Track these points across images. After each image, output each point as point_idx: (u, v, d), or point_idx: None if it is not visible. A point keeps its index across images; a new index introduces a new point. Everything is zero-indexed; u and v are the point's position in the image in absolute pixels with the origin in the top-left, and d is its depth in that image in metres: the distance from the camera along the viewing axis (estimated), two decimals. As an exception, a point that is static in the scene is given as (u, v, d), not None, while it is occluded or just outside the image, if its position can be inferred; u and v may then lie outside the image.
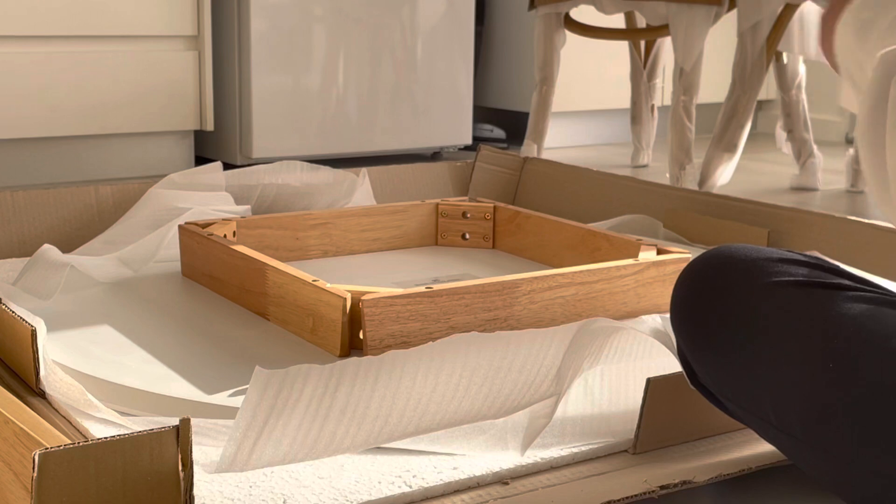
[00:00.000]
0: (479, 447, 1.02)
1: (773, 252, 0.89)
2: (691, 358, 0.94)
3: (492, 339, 0.94)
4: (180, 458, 0.81)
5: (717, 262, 0.91)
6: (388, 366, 0.89)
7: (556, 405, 1.01)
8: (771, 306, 0.85)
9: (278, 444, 0.86)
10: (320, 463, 0.99)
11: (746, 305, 0.87)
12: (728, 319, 0.89)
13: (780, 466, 1.04)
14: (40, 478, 0.76)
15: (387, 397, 0.89)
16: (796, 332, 0.83)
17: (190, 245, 1.66)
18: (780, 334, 0.84)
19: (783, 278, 0.86)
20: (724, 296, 0.90)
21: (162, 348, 1.34)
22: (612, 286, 1.48)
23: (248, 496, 0.94)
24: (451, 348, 0.92)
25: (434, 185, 2.26)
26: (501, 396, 0.96)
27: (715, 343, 0.90)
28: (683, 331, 0.94)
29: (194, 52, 2.62)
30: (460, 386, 0.92)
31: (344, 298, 1.31)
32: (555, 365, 0.98)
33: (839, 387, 0.77)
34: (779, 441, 0.88)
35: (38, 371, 1.07)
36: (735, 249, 0.91)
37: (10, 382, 1.11)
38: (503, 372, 0.95)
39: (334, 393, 0.87)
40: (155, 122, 2.60)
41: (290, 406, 0.85)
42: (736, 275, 0.89)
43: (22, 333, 1.09)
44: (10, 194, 1.84)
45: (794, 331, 0.83)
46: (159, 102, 2.59)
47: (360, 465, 0.99)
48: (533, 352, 0.96)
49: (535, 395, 0.98)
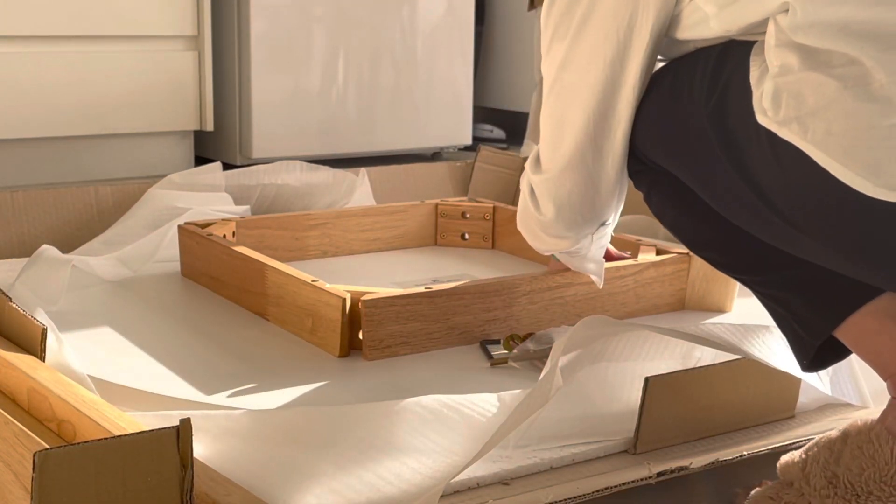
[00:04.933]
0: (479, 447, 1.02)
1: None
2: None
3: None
4: (180, 459, 0.81)
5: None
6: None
7: (551, 397, 1.01)
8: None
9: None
10: (318, 463, 0.99)
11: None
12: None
13: (775, 454, 1.05)
14: (40, 478, 0.76)
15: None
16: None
17: (189, 245, 1.66)
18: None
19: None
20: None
21: (162, 348, 1.34)
22: (612, 286, 1.48)
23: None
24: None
25: (434, 186, 2.26)
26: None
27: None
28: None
29: (194, 52, 2.62)
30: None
31: (343, 299, 1.31)
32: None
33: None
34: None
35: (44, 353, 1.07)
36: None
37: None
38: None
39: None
40: (155, 122, 2.60)
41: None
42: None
43: (32, 332, 1.09)
44: (10, 194, 1.84)
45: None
46: (159, 102, 2.59)
47: (360, 464, 0.99)
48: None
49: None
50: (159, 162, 2.64)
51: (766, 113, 0.88)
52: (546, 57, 1.16)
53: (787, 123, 0.87)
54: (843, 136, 0.84)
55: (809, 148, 0.85)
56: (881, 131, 0.82)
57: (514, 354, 1.32)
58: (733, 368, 1.12)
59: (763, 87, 0.89)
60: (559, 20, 1.12)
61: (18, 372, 1.00)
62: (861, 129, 0.83)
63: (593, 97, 1.10)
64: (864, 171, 0.82)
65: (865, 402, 1.20)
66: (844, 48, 0.85)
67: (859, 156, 0.83)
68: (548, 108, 1.17)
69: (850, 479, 0.94)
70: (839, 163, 0.83)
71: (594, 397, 1.13)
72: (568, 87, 1.13)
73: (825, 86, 0.85)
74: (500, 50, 3.68)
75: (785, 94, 0.87)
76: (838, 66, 0.85)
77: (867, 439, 0.95)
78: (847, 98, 0.84)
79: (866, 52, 0.84)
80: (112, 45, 2.52)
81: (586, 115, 1.11)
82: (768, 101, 0.88)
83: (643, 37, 1.06)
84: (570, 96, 1.13)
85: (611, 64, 1.08)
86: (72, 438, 0.91)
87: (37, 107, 2.43)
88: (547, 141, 1.18)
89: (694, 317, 1.53)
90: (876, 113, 0.83)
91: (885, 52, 0.84)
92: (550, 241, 1.27)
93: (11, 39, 2.39)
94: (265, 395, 1.19)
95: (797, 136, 0.86)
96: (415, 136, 3.04)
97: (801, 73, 0.87)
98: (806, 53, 0.87)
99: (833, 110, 0.84)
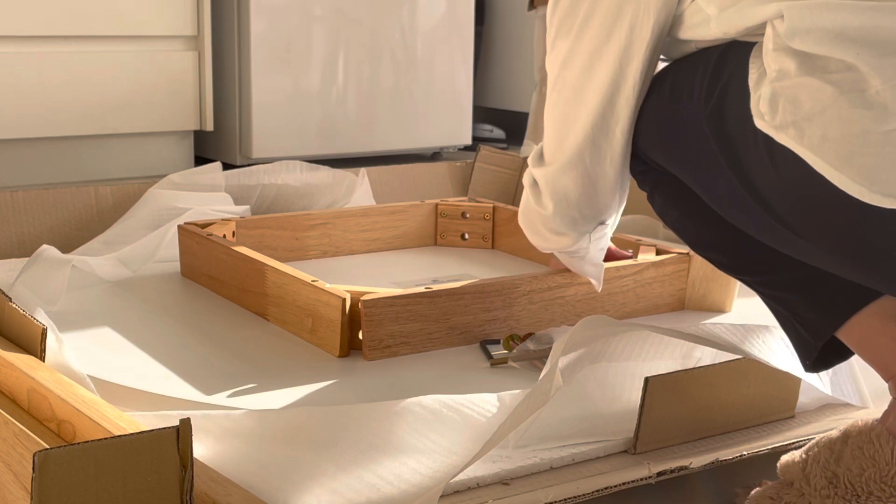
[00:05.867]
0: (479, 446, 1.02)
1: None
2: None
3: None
4: (180, 459, 0.81)
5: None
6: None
7: (551, 397, 1.01)
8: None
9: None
10: (318, 463, 0.99)
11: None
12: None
13: (775, 454, 1.05)
14: (40, 478, 0.76)
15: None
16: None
17: (189, 245, 1.66)
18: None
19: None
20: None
21: (162, 348, 1.34)
22: (612, 286, 1.48)
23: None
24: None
25: (434, 186, 2.26)
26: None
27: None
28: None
29: (194, 52, 2.62)
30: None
31: (343, 299, 1.31)
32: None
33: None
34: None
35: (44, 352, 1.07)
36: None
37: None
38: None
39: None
40: (155, 122, 2.60)
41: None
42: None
43: (32, 332, 1.09)
44: (10, 194, 1.84)
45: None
46: (159, 102, 2.59)
47: (360, 464, 0.99)
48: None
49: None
50: (159, 162, 2.64)
51: (764, 117, 0.88)
52: (550, 54, 1.17)
53: (784, 128, 0.87)
54: (839, 141, 0.84)
55: (805, 153, 0.85)
56: (877, 137, 0.83)
57: (514, 354, 1.32)
58: (733, 368, 1.12)
59: (761, 90, 0.90)
60: (563, 18, 1.13)
61: (18, 372, 1.00)
62: (857, 135, 0.83)
63: (593, 96, 1.10)
64: (860, 177, 0.83)
65: (865, 403, 1.20)
66: (840, 54, 0.85)
67: (855, 162, 0.83)
68: (550, 104, 1.18)
69: (850, 480, 0.94)
70: (835, 168, 0.84)
71: (594, 397, 1.13)
72: (570, 84, 1.13)
73: (821, 91, 0.85)
74: (500, 50, 3.68)
75: (782, 98, 0.87)
76: (835, 72, 0.85)
77: (868, 440, 0.95)
78: (843, 104, 0.84)
79: (862, 58, 0.84)
80: (112, 45, 2.52)
81: (586, 113, 1.12)
82: (765, 105, 0.88)
83: (644, 36, 1.06)
84: (572, 94, 1.13)
85: (611, 63, 1.08)
86: (72, 438, 0.91)
87: (37, 107, 2.43)
88: (549, 136, 1.19)
89: (694, 317, 1.53)
90: (871, 119, 0.83)
91: (881, 59, 0.84)
92: (550, 236, 1.27)
93: (11, 39, 2.39)
94: (265, 395, 1.19)
95: (793, 140, 0.86)
96: (415, 136, 3.04)
97: (798, 77, 0.87)
98: (803, 58, 0.87)
99: (829, 116, 0.84)
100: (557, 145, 1.17)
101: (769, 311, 1.06)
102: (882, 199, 0.82)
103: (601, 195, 1.18)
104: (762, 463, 1.07)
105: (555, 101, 1.17)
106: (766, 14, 0.91)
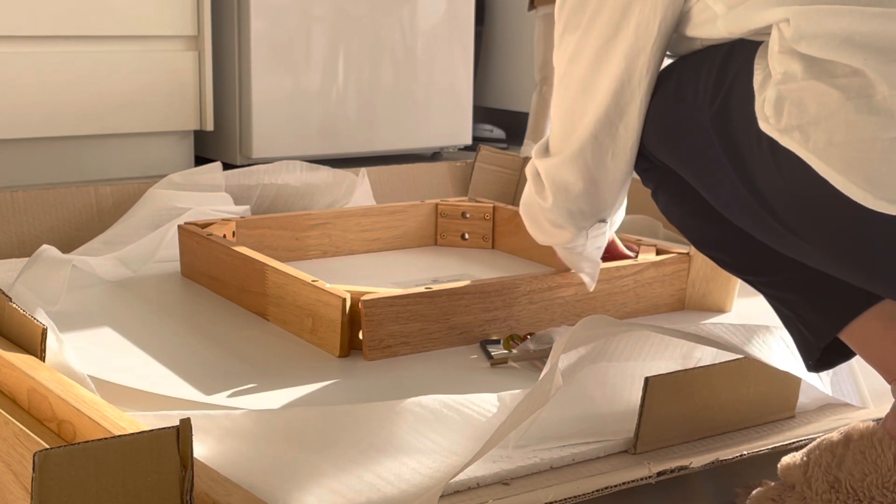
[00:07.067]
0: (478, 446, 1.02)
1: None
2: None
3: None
4: (180, 459, 0.81)
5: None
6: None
7: (551, 396, 1.01)
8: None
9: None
10: (318, 463, 0.99)
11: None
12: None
13: (775, 454, 1.05)
14: (40, 478, 0.76)
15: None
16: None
17: (189, 245, 1.66)
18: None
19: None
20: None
21: (162, 348, 1.34)
22: (612, 287, 1.48)
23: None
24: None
25: (434, 186, 2.26)
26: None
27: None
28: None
29: (194, 52, 2.62)
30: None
31: (343, 299, 1.31)
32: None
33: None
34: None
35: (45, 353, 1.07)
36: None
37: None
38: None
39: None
40: (155, 122, 2.60)
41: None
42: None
43: (32, 332, 1.09)
44: (10, 194, 1.84)
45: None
46: (159, 102, 2.59)
47: (360, 464, 0.99)
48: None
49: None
50: (159, 162, 2.64)
51: (769, 120, 0.88)
52: (557, 49, 1.17)
53: (789, 132, 0.87)
54: (845, 147, 0.84)
55: (810, 157, 0.85)
56: (882, 144, 0.82)
57: (514, 354, 1.32)
58: (733, 368, 1.12)
59: (766, 93, 0.89)
60: (571, 14, 1.13)
61: (18, 372, 1.00)
62: (862, 141, 0.83)
63: (598, 92, 1.10)
64: (865, 183, 0.82)
65: (865, 403, 1.20)
66: (847, 59, 0.85)
67: (860, 167, 0.83)
68: (557, 98, 1.18)
69: (852, 484, 0.94)
70: (839, 174, 0.83)
71: (594, 397, 1.13)
72: (576, 79, 1.13)
73: (828, 96, 0.85)
74: (500, 50, 3.68)
75: (787, 101, 0.87)
76: (841, 77, 0.85)
77: (869, 444, 0.95)
78: (849, 109, 0.84)
79: (869, 63, 0.84)
80: (112, 45, 2.52)
81: (592, 108, 1.12)
82: (770, 109, 0.88)
83: (651, 33, 1.06)
84: (578, 89, 1.13)
85: (618, 59, 1.08)
86: (72, 438, 0.91)
87: (37, 107, 2.43)
88: (555, 130, 1.19)
89: (694, 317, 1.53)
90: (878, 125, 0.83)
91: (888, 65, 0.84)
92: (550, 229, 1.27)
93: (11, 39, 2.39)
94: (265, 395, 1.19)
95: (798, 144, 0.86)
96: (415, 135, 3.04)
97: (804, 81, 0.87)
98: (809, 62, 0.87)
99: (835, 121, 0.84)
100: (563, 139, 1.17)
101: (769, 311, 1.06)
102: (886, 206, 0.82)
103: (601, 190, 1.18)
104: (762, 463, 1.07)
105: (562, 96, 1.17)
106: (772, 17, 0.91)
